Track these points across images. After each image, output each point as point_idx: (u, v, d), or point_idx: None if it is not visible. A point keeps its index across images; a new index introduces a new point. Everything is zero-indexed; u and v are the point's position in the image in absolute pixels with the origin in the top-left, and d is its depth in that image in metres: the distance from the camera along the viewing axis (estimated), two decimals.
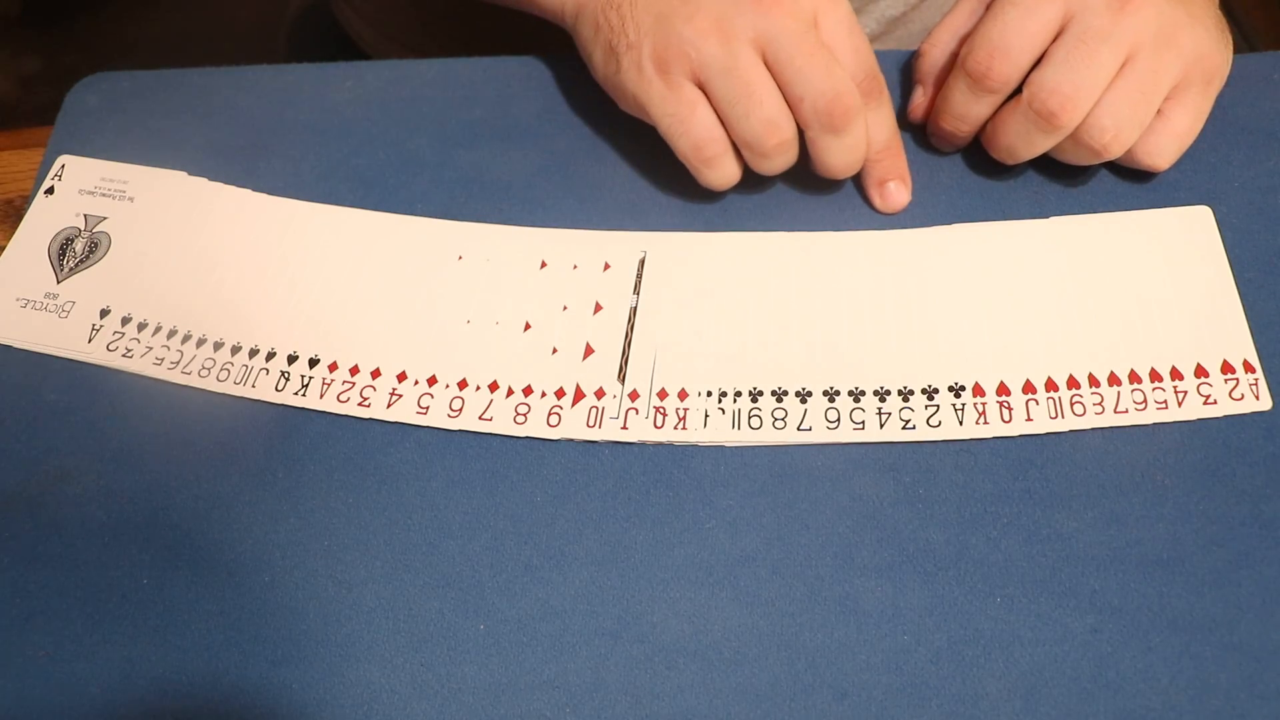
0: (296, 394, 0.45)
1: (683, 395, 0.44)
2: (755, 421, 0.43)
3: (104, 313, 0.48)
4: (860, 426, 0.43)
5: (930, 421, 0.43)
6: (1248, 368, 0.43)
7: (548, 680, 0.40)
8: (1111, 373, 0.43)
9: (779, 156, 0.46)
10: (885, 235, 0.48)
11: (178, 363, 0.46)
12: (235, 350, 0.46)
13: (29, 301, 0.48)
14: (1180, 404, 0.43)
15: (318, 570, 0.42)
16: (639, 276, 0.47)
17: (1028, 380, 0.43)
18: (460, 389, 0.45)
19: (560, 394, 0.44)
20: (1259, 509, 0.42)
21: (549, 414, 0.44)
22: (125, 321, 0.47)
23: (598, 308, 0.46)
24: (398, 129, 0.53)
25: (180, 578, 0.42)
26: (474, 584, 0.42)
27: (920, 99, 0.50)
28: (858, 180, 0.50)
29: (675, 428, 0.43)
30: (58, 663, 0.40)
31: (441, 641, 0.41)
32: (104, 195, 0.51)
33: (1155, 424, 0.43)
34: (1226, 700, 0.38)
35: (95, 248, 0.49)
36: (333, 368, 0.46)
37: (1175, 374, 0.43)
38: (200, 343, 0.47)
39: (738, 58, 0.44)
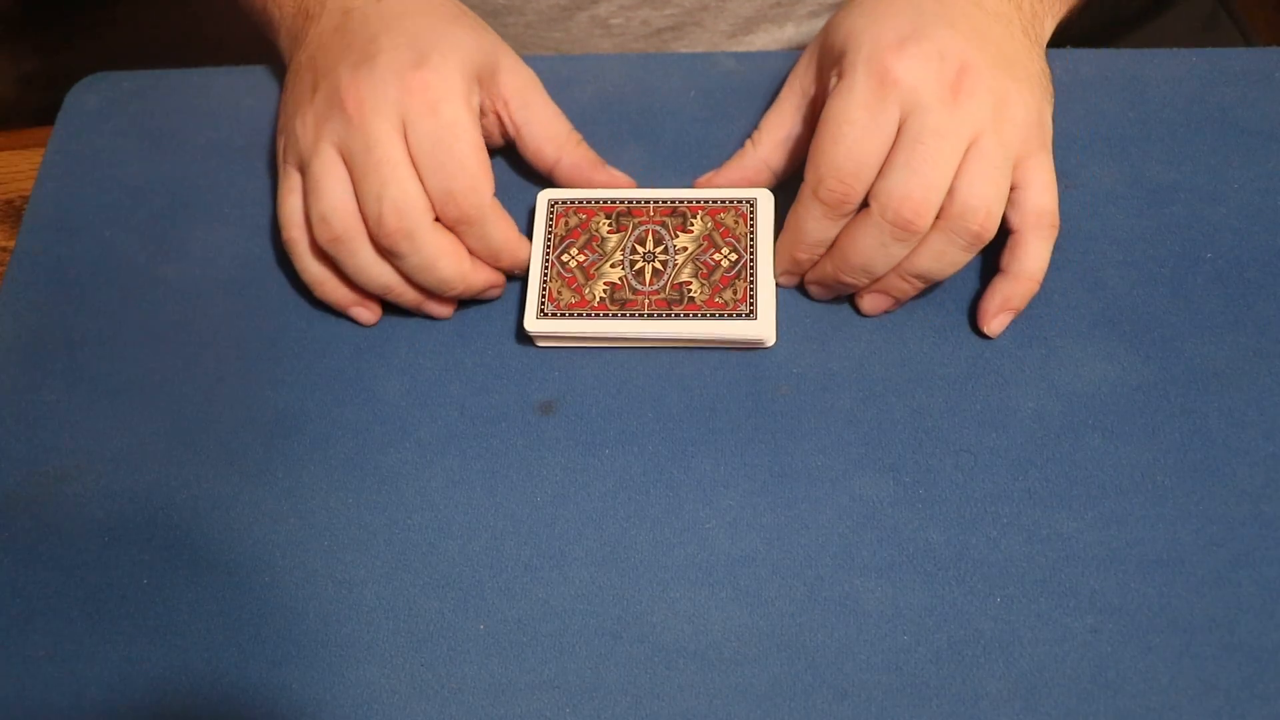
0: None
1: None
2: None
3: None
4: None
5: None
6: None
7: (548, 680, 0.40)
8: None
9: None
10: None
11: None
12: None
13: None
14: None
15: (318, 570, 0.42)
16: None
17: None
18: None
19: None
20: (1259, 509, 0.42)
21: None
22: None
23: None
24: None
25: (180, 578, 0.42)
26: (474, 584, 0.42)
27: (716, 180, 0.48)
28: None
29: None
30: (58, 663, 0.41)
31: (441, 641, 0.41)
32: None
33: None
34: (1226, 700, 0.38)
35: None
36: None
37: None
38: None
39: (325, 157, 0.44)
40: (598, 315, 0.45)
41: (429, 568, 0.42)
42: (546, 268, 0.46)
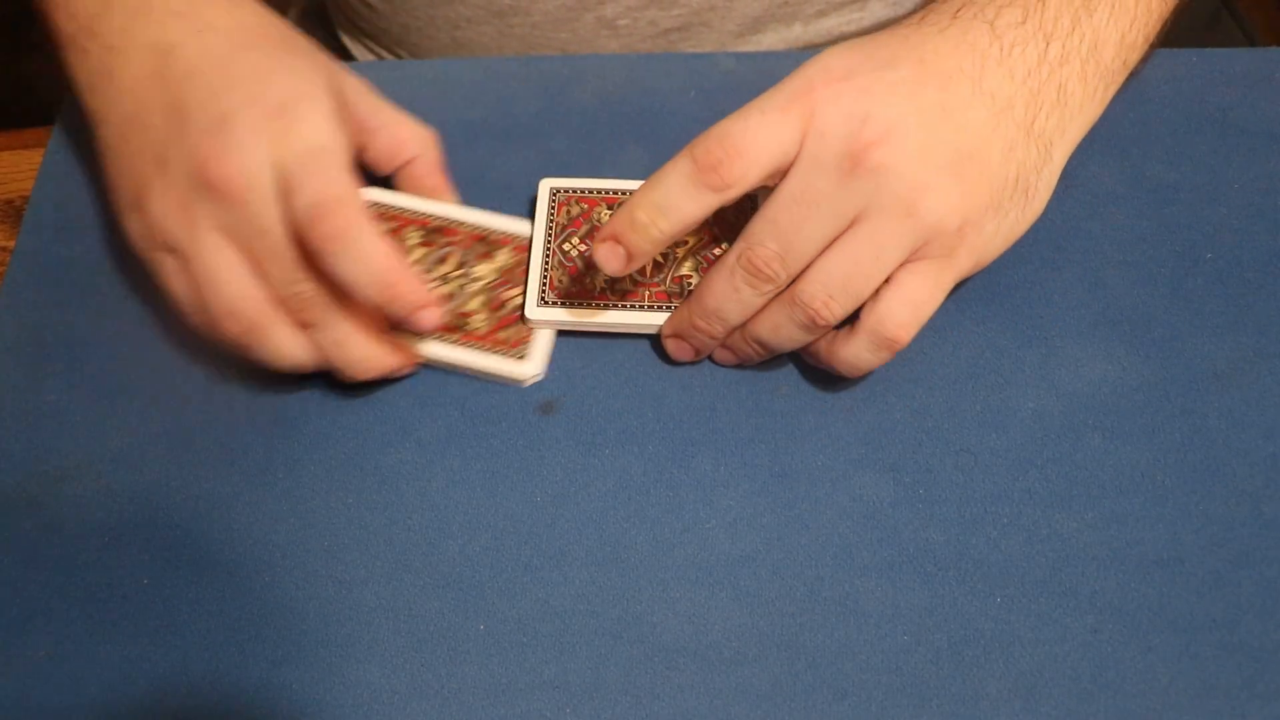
0: None
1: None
2: None
3: None
4: None
5: None
6: None
7: (548, 680, 0.40)
8: None
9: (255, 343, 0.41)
10: None
11: None
12: None
13: None
14: None
15: (318, 570, 0.42)
16: None
17: None
18: None
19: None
20: (1259, 509, 0.42)
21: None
22: None
23: None
24: None
25: (180, 578, 0.42)
26: (474, 584, 0.42)
27: None
28: None
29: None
30: (58, 663, 0.41)
31: (441, 641, 0.41)
32: None
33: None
34: (1226, 700, 0.38)
35: None
36: None
37: None
38: None
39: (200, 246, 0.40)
40: (598, 305, 0.45)
41: (429, 568, 0.42)
42: (548, 256, 0.46)
